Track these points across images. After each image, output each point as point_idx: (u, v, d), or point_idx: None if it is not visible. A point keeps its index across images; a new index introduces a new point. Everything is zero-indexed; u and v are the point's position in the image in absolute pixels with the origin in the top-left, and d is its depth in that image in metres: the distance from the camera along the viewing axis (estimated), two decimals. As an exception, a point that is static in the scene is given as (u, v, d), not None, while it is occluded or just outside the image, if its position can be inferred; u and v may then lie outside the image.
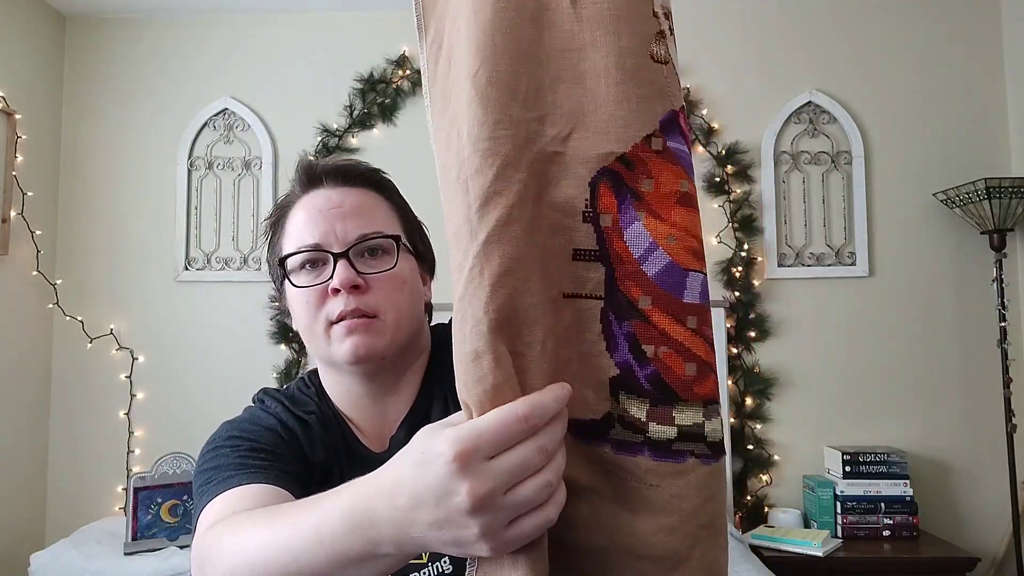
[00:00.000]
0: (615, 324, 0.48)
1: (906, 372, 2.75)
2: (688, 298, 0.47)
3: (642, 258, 0.47)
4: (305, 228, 0.82)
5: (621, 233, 0.48)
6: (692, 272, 0.47)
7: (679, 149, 0.48)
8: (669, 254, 0.47)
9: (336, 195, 0.83)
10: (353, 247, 0.80)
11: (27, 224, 2.72)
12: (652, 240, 0.47)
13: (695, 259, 0.48)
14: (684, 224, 0.47)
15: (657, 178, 0.47)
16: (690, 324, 0.47)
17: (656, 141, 0.48)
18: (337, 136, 2.89)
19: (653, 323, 0.47)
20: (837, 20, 2.88)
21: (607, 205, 0.48)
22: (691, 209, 0.48)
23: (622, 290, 0.47)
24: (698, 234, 0.48)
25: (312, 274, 0.82)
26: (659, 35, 0.49)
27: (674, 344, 0.47)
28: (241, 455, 0.76)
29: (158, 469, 2.59)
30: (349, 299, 0.79)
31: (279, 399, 0.87)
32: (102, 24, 2.98)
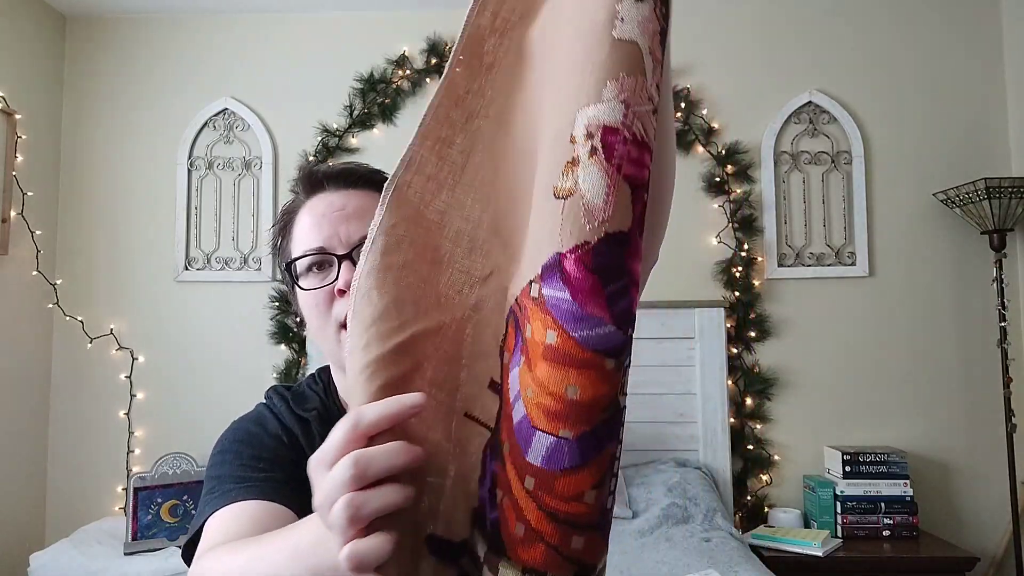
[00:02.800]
0: (488, 459, 0.47)
1: (906, 372, 2.75)
2: (530, 457, 0.43)
3: (513, 402, 0.45)
4: (310, 232, 0.84)
5: (508, 373, 0.46)
6: (539, 432, 0.42)
7: (554, 297, 0.43)
8: (525, 406, 0.44)
9: (338, 198, 0.85)
10: (357, 248, 0.82)
11: (27, 224, 2.72)
12: (519, 389, 0.44)
13: (547, 419, 0.42)
14: (543, 380, 0.42)
15: (533, 325, 0.44)
16: (527, 484, 0.43)
17: (535, 287, 0.44)
18: (337, 136, 2.90)
19: (506, 470, 0.45)
20: (837, 20, 2.89)
21: (509, 343, 0.47)
22: (557, 365, 0.42)
23: (499, 428, 0.46)
24: (558, 392, 0.42)
25: (319, 277, 0.83)
26: (570, 163, 0.43)
27: (512, 499, 0.44)
28: (243, 464, 0.80)
29: (158, 469, 2.59)
30: None
31: (285, 398, 0.90)
32: (102, 24, 2.98)
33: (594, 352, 0.42)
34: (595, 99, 0.43)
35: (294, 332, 2.83)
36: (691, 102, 2.85)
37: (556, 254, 0.43)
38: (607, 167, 0.42)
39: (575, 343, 0.42)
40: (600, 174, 0.42)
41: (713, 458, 2.66)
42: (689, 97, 2.85)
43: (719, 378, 2.69)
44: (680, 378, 2.71)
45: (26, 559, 2.37)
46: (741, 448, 2.73)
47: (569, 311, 0.42)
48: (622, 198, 0.43)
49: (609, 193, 0.42)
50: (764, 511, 2.67)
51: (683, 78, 2.87)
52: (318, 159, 2.87)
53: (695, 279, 2.81)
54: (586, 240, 0.42)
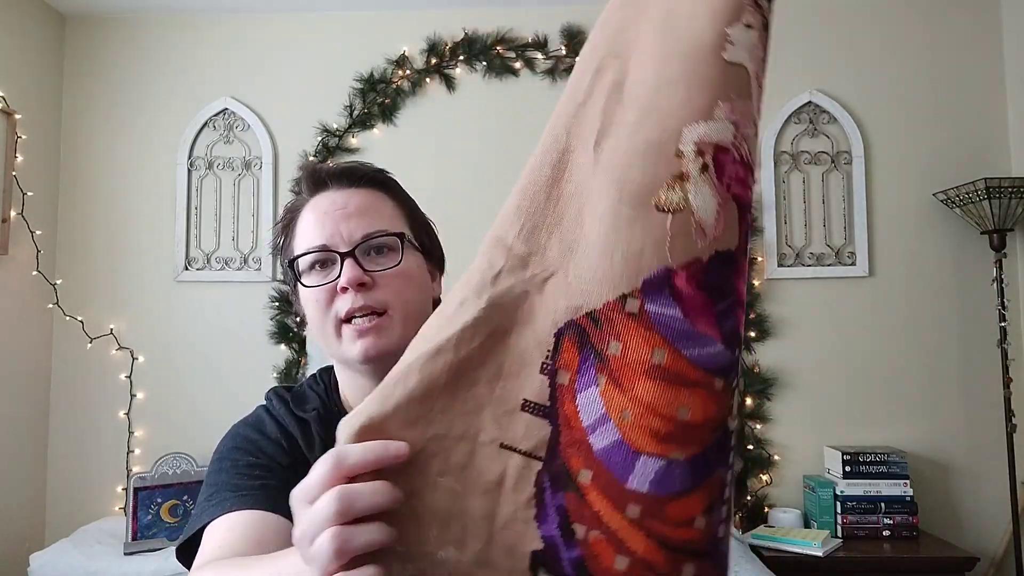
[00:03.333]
0: (549, 492, 0.43)
1: (906, 372, 2.75)
2: (633, 484, 0.41)
3: (591, 427, 0.42)
4: (312, 230, 0.85)
5: (575, 395, 0.43)
6: (645, 456, 0.41)
7: (662, 314, 0.42)
8: (619, 430, 0.41)
9: (341, 196, 0.86)
10: (359, 246, 0.83)
11: (27, 224, 2.72)
12: (604, 411, 0.42)
13: (655, 442, 0.41)
14: (648, 400, 0.41)
15: (625, 343, 0.42)
16: (630, 513, 0.41)
17: (632, 302, 0.42)
18: (337, 136, 2.89)
19: (588, 502, 0.41)
20: (837, 21, 2.89)
21: (568, 361, 0.43)
22: (667, 384, 0.41)
23: (563, 457, 0.42)
24: (669, 414, 0.41)
25: (321, 274, 0.84)
26: (677, 178, 0.42)
27: (606, 531, 0.41)
28: (239, 472, 0.81)
29: (158, 469, 2.59)
30: (357, 297, 0.81)
31: (284, 400, 0.90)
32: (102, 24, 2.98)
33: (705, 371, 0.41)
34: (706, 117, 0.43)
35: (294, 332, 2.83)
36: (691, 102, 2.85)
37: (665, 269, 0.42)
38: (718, 186, 0.43)
39: (686, 362, 0.41)
40: (711, 192, 0.42)
41: (713, 458, 2.66)
42: (689, 97, 2.85)
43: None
44: (680, 378, 2.70)
45: (26, 559, 2.37)
46: (741, 448, 2.73)
47: (680, 329, 0.42)
48: (731, 217, 0.43)
49: (720, 211, 0.43)
50: (764, 511, 2.67)
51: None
52: (318, 159, 2.87)
53: (695, 279, 2.80)
54: (697, 257, 0.42)
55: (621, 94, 0.45)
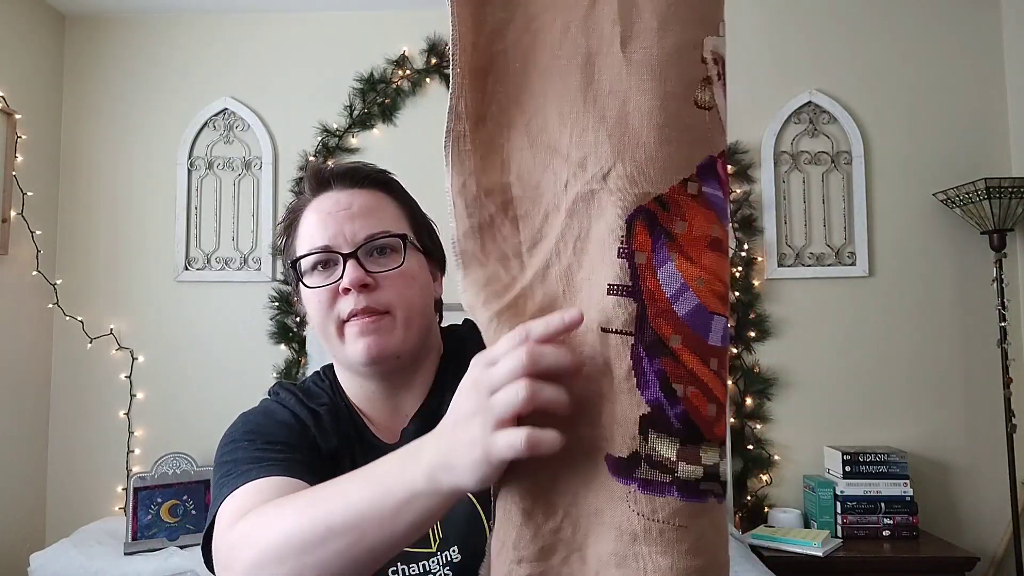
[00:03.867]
0: (646, 361, 0.48)
1: (906, 372, 2.75)
2: (712, 340, 0.48)
3: (673, 298, 0.48)
4: (315, 230, 0.85)
5: (655, 271, 0.48)
6: (716, 316, 0.48)
7: (714, 195, 0.49)
8: (698, 296, 0.47)
9: (344, 197, 0.86)
10: (362, 247, 0.83)
11: (27, 224, 2.72)
12: (683, 281, 0.48)
13: (720, 303, 0.48)
14: (713, 268, 0.48)
15: (691, 221, 0.48)
16: (712, 366, 0.48)
17: (692, 185, 0.48)
18: (337, 136, 2.89)
19: (683, 362, 0.47)
20: (837, 20, 2.89)
21: (642, 243, 0.48)
22: (721, 254, 0.49)
23: (654, 327, 0.48)
24: (725, 279, 0.49)
25: (324, 275, 0.84)
26: (705, 81, 0.49)
27: (700, 384, 0.47)
28: (257, 448, 0.79)
29: (158, 469, 2.59)
30: (359, 298, 0.81)
31: (293, 392, 0.90)
32: (102, 24, 2.98)
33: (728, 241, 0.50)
34: (715, 32, 0.50)
35: (294, 332, 2.83)
36: (691, 102, 2.85)
37: (711, 157, 0.49)
38: (724, 90, 0.51)
39: (727, 234, 0.50)
40: (722, 95, 0.51)
41: (713, 458, 2.66)
42: (689, 97, 2.85)
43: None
44: (680, 378, 2.70)
45: (26, 559, 2.37)
46: (741, 448, 2.73)
47: (723, 207, 0.50)
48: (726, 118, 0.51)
49: (726, 112, 0.51)
50: (764, 511, 2.67)
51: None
52: (319, 159, 2.87)
53: (695, 279, 2.80)
54: (724, 149, 0.50)
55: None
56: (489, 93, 0.55)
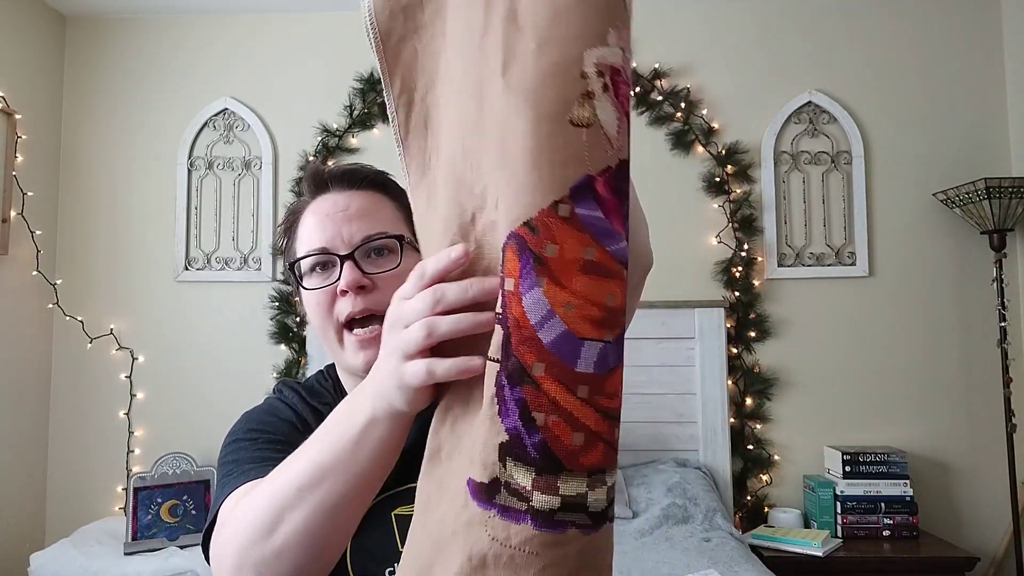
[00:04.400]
0: (507, 389, 0.47)
1: (906, 372, 2.75)
2: (582, 367, 0.47)
3: (538, 324, 0.47)
4: (313, 232, 0.85)
5: (520, 298, 0.47)
6: (588, 341, 0.47)
7: (589, 216, 0.47)
8: (565, 322, 0.46)
9: (342, 199, 0.86)
10: (359, 248, 0.83)
11: (27, 224, 2.72)
12: (549, 307, 0.46)
13: (594, 328, 0.47)
14: (586, 292, 0.47)
15: (561, 244, 0.47)
16: (580, 393, 0.47)
17: (563, 207, 0.47)
18: (337, 136, 2.90)
19: (544, 391, 0.46)
20: (837, 20, 2.89)
21: (511, 269, 0.48)
22: (599, 277, 0.47)
23: (516, 355, 0.47)
24: (601, 301, 0.47)
25: (322, 277, 0.84)
26: (585, 96, 0.48)
27: (563, 413, 0.46)
28: (259, 448, 0.80)
29: (158, 469, 2.59)
30: (357, 300, 0.81)
31: (296, 390, 0.91)
32: (102, 24, 2.98)
33: (619, 263, 0.48)
34: (601, 42, 0.48)
35: (294, 332, 2.83)
36: (691, 102, 2.85)
37: (587, 176, 0.47)
38: (616, 102, 0.49)
39: (609, 256, 0.48)
40: (612, 108, 0.49)
41: (713, 458, 2.66)
42: (689, 97, 2.85)
43: (719, 378, 2.69)
44: (680, 378, 2.71)
45: (26, 559, 2.37)
46: (741, 448, 2.73)
47: (603, 228, 0.48)
48: (625, 129, 0.49)
49: (619, 124, 0.49)
50: (764, 511, 2.67)
51: (683, 78, 2.87)
52: (318, 159, 2.87)
53: (695, 279, 2.81)
54: (608, 165, 0.48)
55: (516, 22, 0.50)
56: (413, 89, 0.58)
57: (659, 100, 2.86)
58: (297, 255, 0.86)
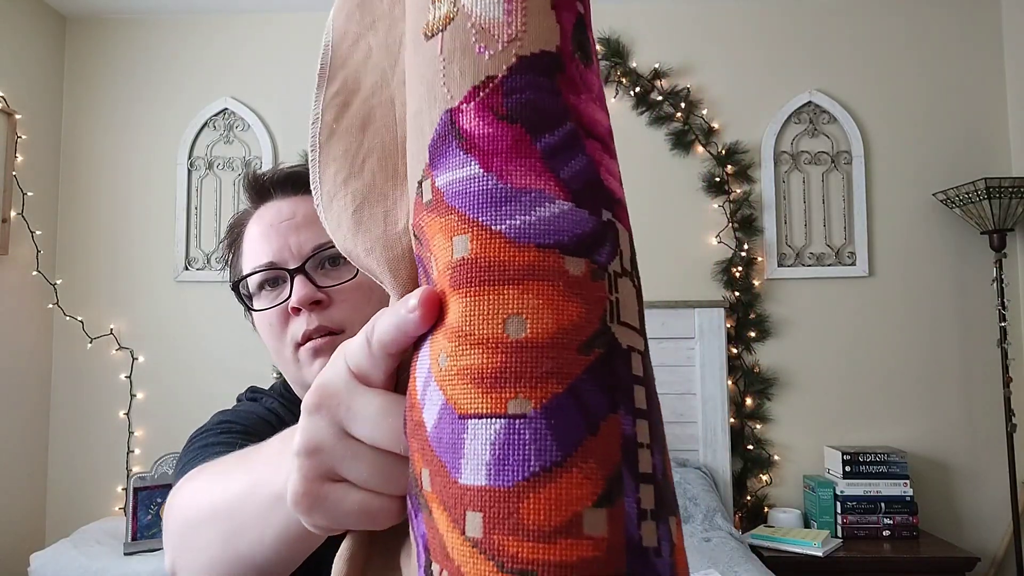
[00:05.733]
0: (413, 517, 0.28)
1: (906, 372, 2.75)
2: (466, 476, 0.24)
3: (423, 398, 0.27)
4: (258, 246, 0.77)
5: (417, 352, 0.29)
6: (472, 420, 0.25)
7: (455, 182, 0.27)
8: (441, 388, 0.26)
9: (287, 206, 0.78)
10: (310, 259, 0.75)
11: (27, 224, 2.72)
12: (428, 366, 0.27)
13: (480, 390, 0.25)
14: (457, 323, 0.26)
15: (433, 253, 0.28)
16: (470, 530, 0.24)
17: (427, 187, 0.28)
18: (337, 136, 2.89)
19: (435, 523, 0.26)
20: (837, 20, 2.88)
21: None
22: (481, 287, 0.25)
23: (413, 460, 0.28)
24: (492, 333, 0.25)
25: (271, 295, 0.76)
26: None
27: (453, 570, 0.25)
28: (233, 436, 0.74)
29: (158, 469, 2.59)
30: (311, 317, 0.73)
31: (274, 396, 0.85)
32: (102, 24, 2.99)
33: (539, 248, 0.25)
34: None
35: (294, 332, 2.83)
36: (691, 102, 2.85)
37: (446, 112, 0.27)
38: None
39: (503, 240, 0.25)
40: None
41: (713, 458, 2.66)
42: (689, 97, 2.85)
43: (719, 378, 2.69)
44: (680, 378, 2.71)
45: (26, 559, 2.37)
46: (741, 448, 2.73)
47: (483, 191, 0.26)
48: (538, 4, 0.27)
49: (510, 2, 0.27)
50: (764, 511, 2.67)
51: (683, 78, 2.87)
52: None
53: (695, 279, 2.81)
54: (488, 75, 0.26)
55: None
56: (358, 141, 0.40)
57: (659, 100, 2.85)
58: (243, 272, 0.78)
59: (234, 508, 0.45)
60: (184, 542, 0.51)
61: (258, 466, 0.44)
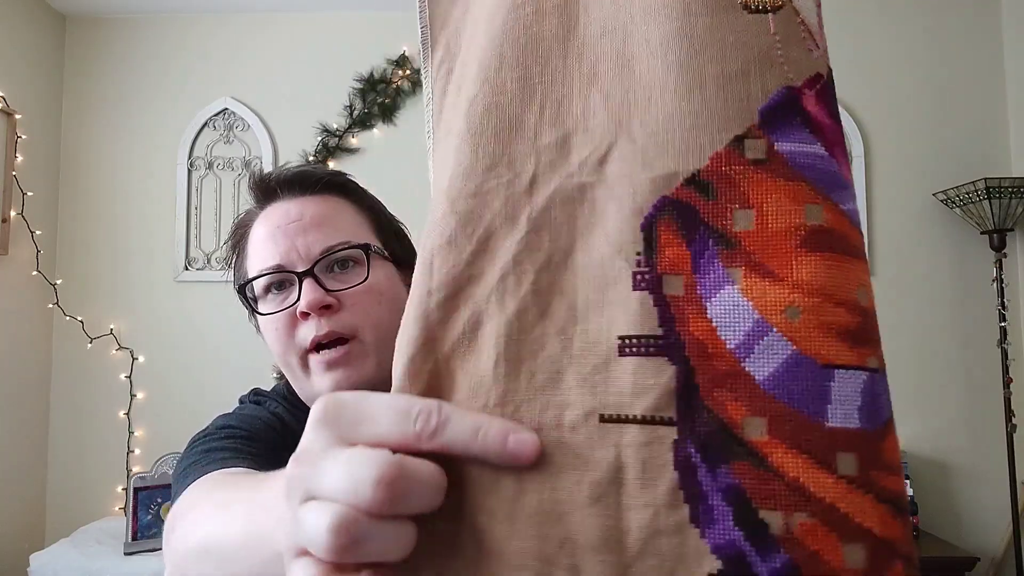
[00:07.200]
0: (703, 471, 0.27)
1: (906, 372, 2.75)
2: (837, 419, 0.27)
3: (742, 348, 0.27)
4: (264, 248, 0.75)
5: (702, 306, 0.28)
6: (840, 370, 0.27)
7: (802, 152, 0.28)
8: (791, 340, 0.27)
9: (295, 207, 0.76)
10: (318, 263, 0.72)
11: (27, 224, 2.72)
12: (759, 316, 0.27)
13: (846, 345, 0.27)
14: (820, 282, 0.27)
15: (760, 207, 0.28)
16: (844, 469, 0.26)
17: (754, 145, 0.28)
18: (337, 136, 2.89)
19: (775, 467, 0.26)
20: (837, 20, 2.88)
21: (674, 260, 0.29)
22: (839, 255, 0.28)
23: (711, 407, 0.27)
24: (850, 298, 0.28)
25: (278, 299, 0.74)
26: None
27: (819, 508, 0.26)
28: (235, 442, 0.72)
29: (158, 469, 2.59)
30: (321, 322, 0.71)
31: (277, 400, 0.83)
32: (102, 24, 2.98)
33: (861, 235, 0.29)
34: None
35: (294, 332, 2.83)
36: (691, 102, 2.85)
37: (787, 88, 0.29)
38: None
39: (848, 221, 0.28)
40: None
41: (713, 458, 2.66)
42: (689, 97, 2.85)
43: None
44: (680, 378, 2.70)
45: (26, 559, 2.37)
46: (741, 448, 2.73)
47: (831, 172, 0.28)
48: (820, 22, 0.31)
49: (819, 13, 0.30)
50: (764, 511, 2.67)
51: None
52: (318, 159, 2.87)
53: (695, 279, 2.81)
54: (818, 72, 0.29)
55: None
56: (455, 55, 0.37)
57: (659, 100, 2.85)
58: (248, 275, 0.77)
59: (231, 555, 0.43)
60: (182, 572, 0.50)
61: (259, 514, 0.41)
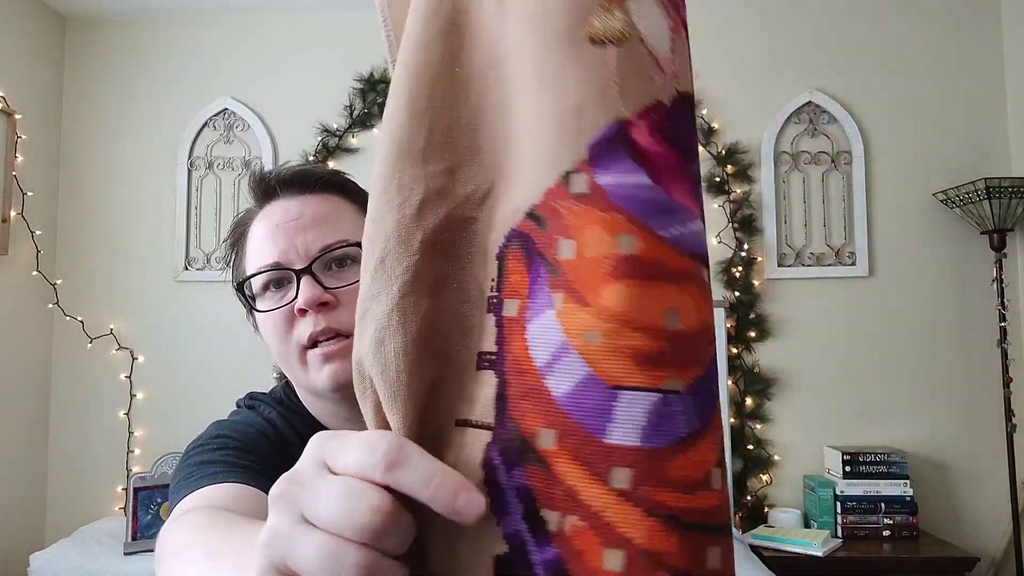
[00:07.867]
0: (502, 471, 0.30)
1: (906, 372, 2.75)
2: (614, 437, 0.28)
3: (546, 366, 0.29)
4: (263, 246, 0.76)
5: (524, 327, 0.30)
6: (626, 392, 0.28)
7: (623, 184, 0.29)
8: (587, 361, 0.29)
9: (294, 205, 0.77)
10: (316, 260, 0.74)
11: (27, 224, 2.72)
12: (565, 339, 0.29)
13: (638, 368, 0.28)
14: (622, 310, 0.28)
15: (578, 237, 0.30)
16: (615, 482, 0.28)
17: (578, 179, 0.30)
18: (337, 136, 2.90)
19: (557, 475, 0.29)
20: (837, 20, 2.88)
21: (515, 285, 0.31)
22: (645, 281, 0.29)
23: (515, 416, 0.30)
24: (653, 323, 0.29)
25: (277, 295, 0.75)
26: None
27: (588, 514, 0.28)
28: (229, 454, 0.73)
29: (158, 469, 2.59)
30: (318, 319, 0.72)
31: (272, 405, 0.84)
32: (102, 24, 2.99)
33: (691, 258, 0.30)
34: None
35: (294, 332, 2.83)
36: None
37: (616, 122, 0.30)
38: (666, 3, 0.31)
39: (667, 246, 0.29)
40: (659, 10, 0.31)
41: (713, 458, 2.66)
42: (689, 97, 2.85)
43: (719, 378, 2.68)
44: (680, 378, 2.70)
45: (26, 559, 2.37)
46: (741, 448, 2.73)
47: (651, 200, 0.29)
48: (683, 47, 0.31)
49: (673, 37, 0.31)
50: (764, 511, 2.67)
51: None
52: (318, 159, 2.87)
53: (695, 279, 2.81)
54: (658, 100, 0.30)
55: None
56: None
57: (659, 100, 2.85)
58: (247, 273, 0.77)
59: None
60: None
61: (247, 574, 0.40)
